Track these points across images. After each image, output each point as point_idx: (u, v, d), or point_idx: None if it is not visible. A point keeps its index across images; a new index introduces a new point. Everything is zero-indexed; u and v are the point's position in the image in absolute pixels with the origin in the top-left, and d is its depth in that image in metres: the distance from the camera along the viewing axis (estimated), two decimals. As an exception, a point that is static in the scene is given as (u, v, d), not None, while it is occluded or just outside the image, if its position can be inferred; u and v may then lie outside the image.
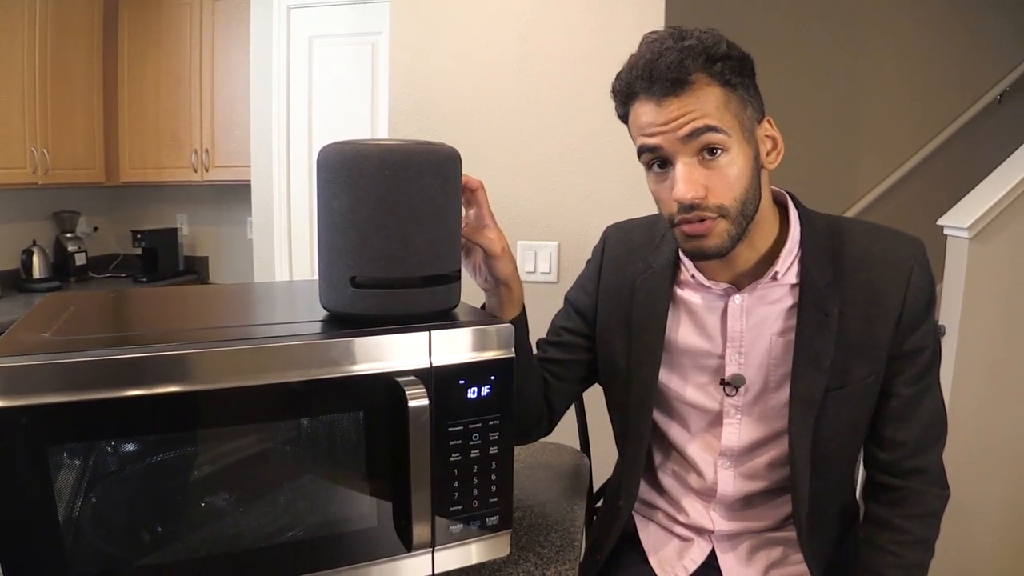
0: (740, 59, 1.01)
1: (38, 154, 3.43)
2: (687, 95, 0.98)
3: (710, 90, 0.98)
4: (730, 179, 1.01)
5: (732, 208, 1.02)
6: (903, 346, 1.09)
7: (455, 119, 2.23)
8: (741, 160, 1.01)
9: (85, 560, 0.79)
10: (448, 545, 0.97)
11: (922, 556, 1.12)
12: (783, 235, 1.13)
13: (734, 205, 1.02)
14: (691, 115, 0.98)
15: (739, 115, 1.01)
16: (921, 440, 1.12)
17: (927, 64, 3.60)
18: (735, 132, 1.00)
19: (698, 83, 0.98)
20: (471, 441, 0.95)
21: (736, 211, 1.02)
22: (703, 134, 0.98)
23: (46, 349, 0.76)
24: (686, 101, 0.98)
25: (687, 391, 1.20)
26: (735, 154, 1.01)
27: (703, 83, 0.98)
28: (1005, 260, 2.23)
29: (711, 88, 0.98)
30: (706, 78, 0.98)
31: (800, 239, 1.12)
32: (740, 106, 1.01)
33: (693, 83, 0.98)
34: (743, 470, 1.19)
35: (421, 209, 0.91)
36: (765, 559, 1.21)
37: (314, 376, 0.86)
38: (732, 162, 1.00)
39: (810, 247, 1.11)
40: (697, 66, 0.97)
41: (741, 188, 1.02)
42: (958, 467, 2.28)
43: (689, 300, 1.19)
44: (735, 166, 1.01)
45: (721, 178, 1.00)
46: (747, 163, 1.02)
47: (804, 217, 1.14)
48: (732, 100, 1.00)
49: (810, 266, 1.10)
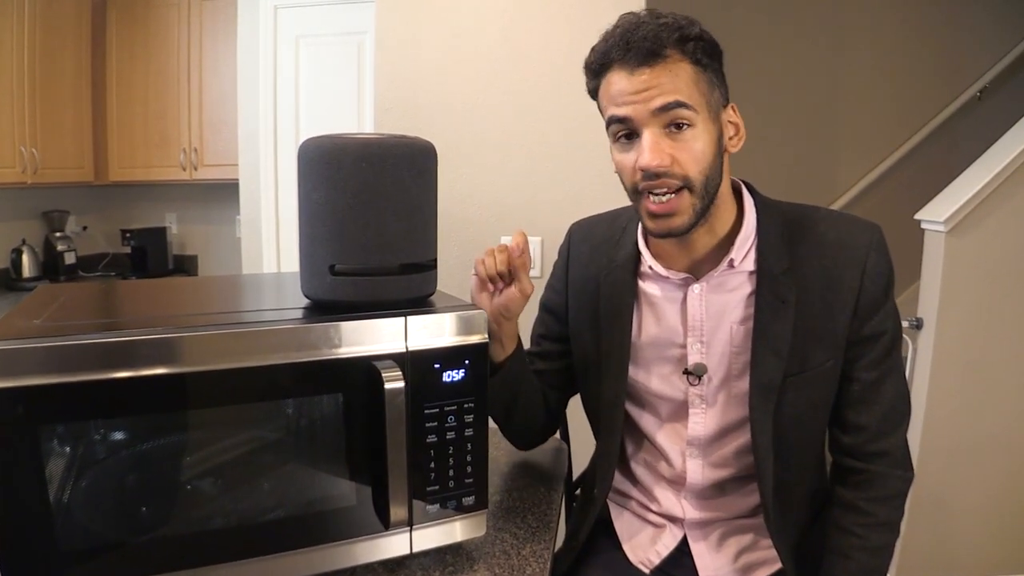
0: (711, 43, 1.05)
1: (27, 153, 3.43)
2: (660, 67, 1.01)
3: (682, 66, 1.02)
4: (695, 152, 1.04)
5: (696, 180, 1.05)
6: (862, 331, 1.11)
7: (440, 117, 2.26)
8: (706, 137, 1.04)
9: (74, 538, 0.82)
10: (425, 524, 1.01)
11: (887, 538, 1.14)
12: (739, 223, 1.15)
13: (699, 178, 1.05)
14: (662, 87, 1.01)
15: (707, 95, 1.05)
16: (883, 423, 1.14)
17: (907, 61, 3.64)
18: (702, 110, 1.04)
19: (671, 58, 1.01)
20: (447, 423, 0.99)
21: (700, 184, 1.05)
22: (673, 109, 1.02)
23: (37, 334, 0.79)
24: (659, 73, 1.01)
25: (652, 382, 1.22)
26: (700, 130, 1.04)
27: (676, 58, 1.02)
28: (981, 253, 2.26)
29: (683, 64, 1.02)
30: (679, 55, 1.02)
31: (756, 226, 1.14)
32: (708, 87, 1.05)
33: (667, 57, 1.01)
34: (710, 459, 1.21)
35: (397, 200, 0.94)
36: (736, 545, 1.23)
37: (295, 359, 0.89)
38: (697, 137, 1.04)
39: (766, 234, 1.14)
40: (671, 41, 1.01)
41: (706, 162, 1.05)
42: (936, 459, 2.34)
43: (649, 292, 1.21)
44: (700, 141, 1.04)
45: (687, 150, 1.04)
46: (711, 141, 1.05)
47: (760, 204, 1.17)
48: (701, 80, 1.04)
49: (767, 253, 1.13)
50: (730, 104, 1.11)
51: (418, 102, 2.27)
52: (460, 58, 2.22)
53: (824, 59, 3.65)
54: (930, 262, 2.34)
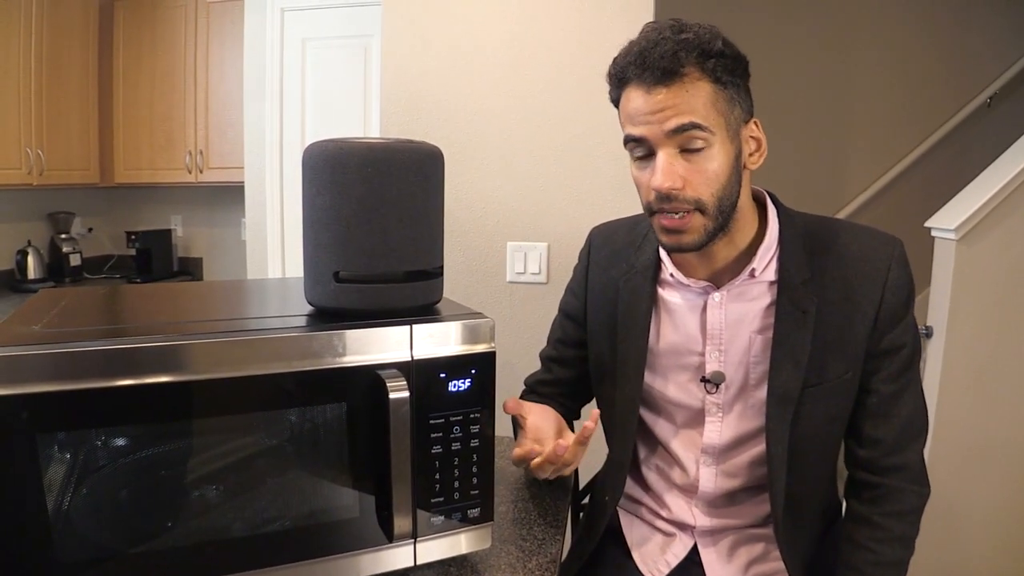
0: (734, 58, 1.02)
1: (33, 155, 3.44)
2: (677, 87, 0.99)
3: (700, 85, 1.00)
4: (708, 174, 1.02)
5: (709, 203, 1.03)
6: (881, 344, 1.10)
7: (446, 120, 2.24)
8: (722, 157, 1.03)
9: (73, 548, 0.80)
10: (430, 536, 0.99)
11: (901, 553, 1.13)
12: (761, 233, 1.14)
13: (711, 200, 1.03)
14: (678, 108, 0.99)
15: (726, 113, 1.02)
16: (900, 438, 1.12)
17: (916, 67, 3.62)
18: (719, 130, 1.02)
19: (689, 76, 0.99)
20: (452, 434, 0.97)
21: (713, 206, 1.04)
22: (687, 130, 1.00)
23: (38, 340, 0.78)
24: (676, 92, 0.99)
25: (669, 389, 1.21)
26: (716, 151, 1.02)
27: (694, 77, 0.99)
28: (992, 262, 2.24)
29: (701, 83, 1.00)
30: (697, 72, 1.00)
31: (778, 237, 1.14)
32: (728, 104, 1.03)
33: (684, 76, 0.99)
34: (724, 468, 1.20)
35: (403, 206, 0.93)
36: (746, 555, 1.22)
37: (298, 368, 0.87)
38: (712, 158, 1.02)
39: (788, 245, 1.13)
40: (690, 59, 0.99)
41: (719, 184, 1.03)
42: (946, 468, 2.32)
43: (669, 299, 1.20)
44: (715, 162, 1.02)
45: (700, 172, 1.02)
46: (727, 161, 1.04)
47: (783, 215, 1.16)
48: (720, 98, 1.02)
49: (788, 264, 1.12)
50: (753, 119, 1.09)
51: (424, 106, 2.26)
52: (466, 61, 2.21)
53: (833, 65, 3.64)
54: (940, 270, 2.32)
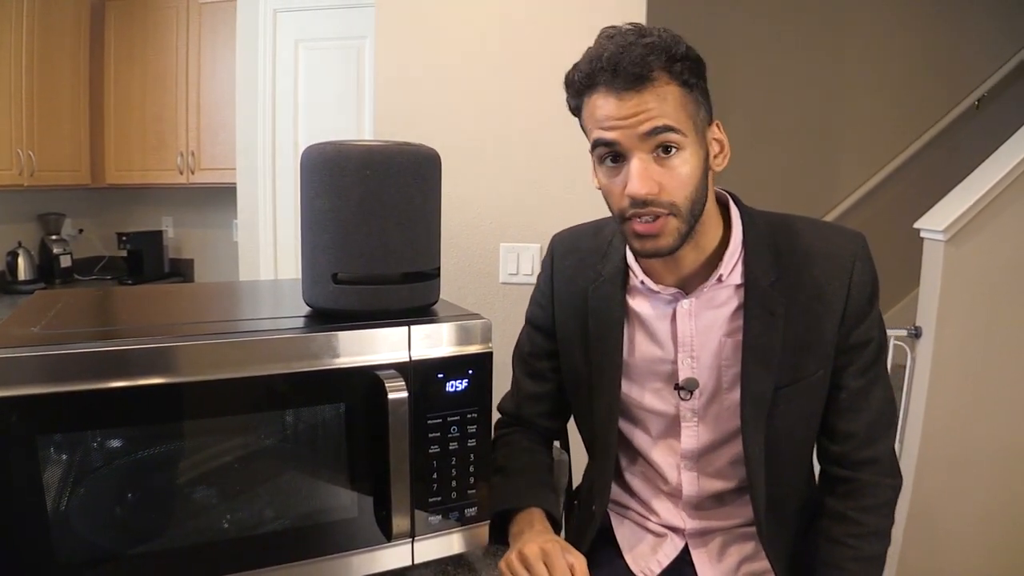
0: (696, 60, 1.03)
1: (24, 156, 3.42)
2: (648, 91, 0.99)
3: (670, 88, 1.00)
4: (683, 177, 1.03)
5: (683, 206, 1.04)
6: (849, 339, 1.11)
7: (439, 122, 2.24)
8: (694, 160, 1.03)
9: (71, 549, 0.80)
10: (427, 536, 1.00)
11: (878, 547, 1.14)
12: (726, 236, 1.14)
13: (685, 203, 1.04)
14: (651, 112, 0.99)
15: (694, 116, 1.03)
16: (871, 430, 1.14)
17: (906, 68, 3.65)
18: (690, 133, 1.02)
19: (659, 81, 0.99)
20: (450, 433, 0.98)
21: (686, 209, 1.04)
22: (661, 133, 1.00)
23: (35, 342, 0.78)
24: (647, 97, 0.99)
25: (645, 397, 1.22)
26: (689, 154, 1.03)
27: (663, 81, 1.00)
28: (980, 263, 2.26)
29: (671, 87, 1.00)
30: (666, 76, 1.00)
31: (743, 239, 1.14)
32: (695, 107, 1.03)
33: (655, 80, 0.99)
34: (705, 471, 1.21)
35: (401, 208, 0.93)
36: (737, 554, 1.23)
37: (296, 369, 0.88)
38: (686, 161, 1.02)
39: (753, 247, 1.13)
40: (660, 64, 0.99)
41: (692, 187, 1.04)
42: (934, 469, 2.34)
43: (639, 308, 1.20)
44: (688, 165, 1.03)
45: (674, 176, 1.02)
46: (699, 163, 1.04)
47: (746, 217, 1.16)
48: (688, 101, 1.02)
49: (754, 266, 1.12)
50: (715, 121, 1.09)
51: (418, 107, 2.26)
52: (460, 62, 2.21)
53: (823, 66, 3.66)
54: (929, 271, 2.34)
